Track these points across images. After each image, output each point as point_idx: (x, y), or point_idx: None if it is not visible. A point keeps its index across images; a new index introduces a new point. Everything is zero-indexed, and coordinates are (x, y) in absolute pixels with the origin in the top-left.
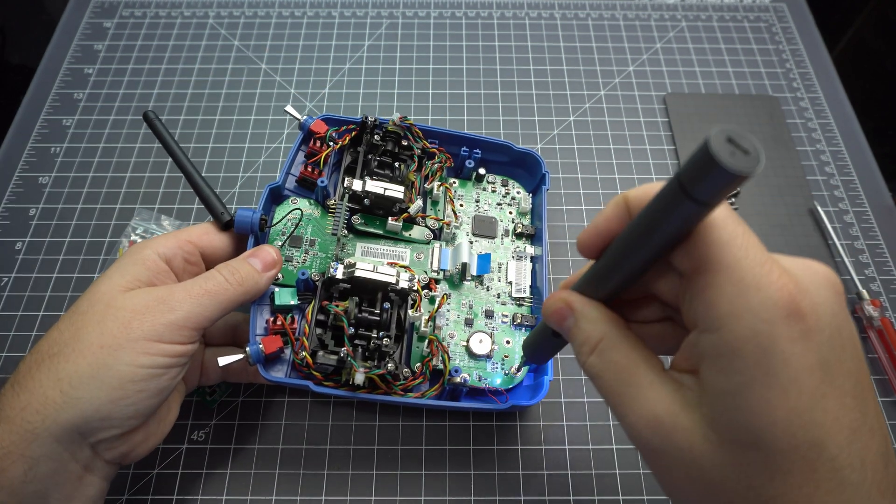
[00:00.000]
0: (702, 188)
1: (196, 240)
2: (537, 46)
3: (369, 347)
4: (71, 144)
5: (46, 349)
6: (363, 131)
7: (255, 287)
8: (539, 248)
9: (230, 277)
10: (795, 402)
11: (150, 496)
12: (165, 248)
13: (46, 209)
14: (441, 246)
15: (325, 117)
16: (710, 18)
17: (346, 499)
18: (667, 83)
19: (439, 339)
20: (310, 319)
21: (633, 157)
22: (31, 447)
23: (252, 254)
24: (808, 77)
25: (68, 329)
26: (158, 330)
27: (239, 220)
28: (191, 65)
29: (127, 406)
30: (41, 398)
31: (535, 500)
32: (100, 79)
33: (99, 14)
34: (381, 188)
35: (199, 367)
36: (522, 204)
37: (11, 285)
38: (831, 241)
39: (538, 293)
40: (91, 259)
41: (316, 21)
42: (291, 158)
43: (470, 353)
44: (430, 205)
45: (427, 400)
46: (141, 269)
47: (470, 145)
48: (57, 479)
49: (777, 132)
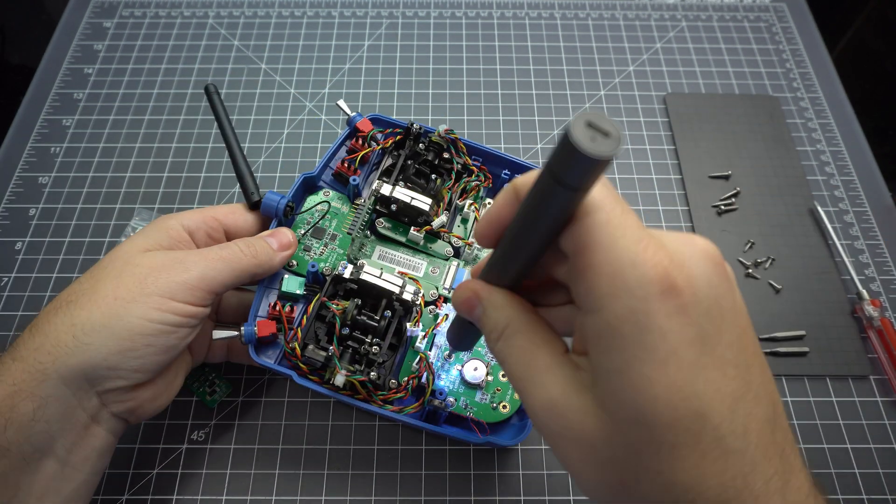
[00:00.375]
0: (570, 175)
1: (222, 217)
2: (537, 46)
3: (359, 352)
4: (71, 144)
5: (65, 297)
6: (407, 137)
7: (269, 262)
8: None
9: (245, 249)
10: (675, 376)
11: (149, 496)
12: (190, 221)
13: (46, 209)
14: (459, 265)
15: (372, 117)
16: (710, 18)
17: (346, 499)
18: (667, 83)
19: (428, 358)
20: (310, 312)
21: (633, 157)
22: (40, 386)
23: (270, 233)
24: (808, 77)
25: (87, 281)
26: (172, 287)
27: (266, 202)
28: (191, 65)
29: (134, 358)
30: (54, 341)
31: (536, 500)
32: (100, 79)
33: (99, 14)
34: (409, 197)
35: (207, 341)
36: None
37: (11, 285)
38: (831, 241)
39: None
40: (91, 259)
41: (316, 21)
42: (332, 151)
43: (462, 378)
44: (459, 222)
45: (403, 416)
46: (163, 236)
47: (511, 168)
48: (64, 424)
49: (777, 132)
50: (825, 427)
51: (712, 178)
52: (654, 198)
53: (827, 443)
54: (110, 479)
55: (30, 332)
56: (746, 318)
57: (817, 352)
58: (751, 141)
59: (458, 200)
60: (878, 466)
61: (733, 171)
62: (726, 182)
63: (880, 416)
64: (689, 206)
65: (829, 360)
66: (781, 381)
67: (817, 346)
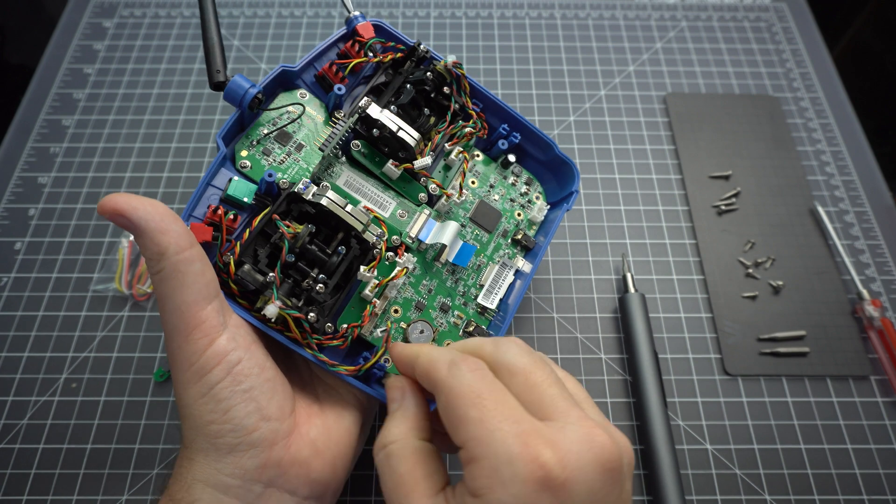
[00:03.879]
0: None
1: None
2: (537, 46)
3: (301, 285)
4: (71, 144)
5: None
6: (409, 57)
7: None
8: (530, 264)
9: (154, 270)
10: None
11: (149, 496)
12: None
13: (46, 209)
14: (430, 215)
15: (377, 23)
16: (710, 18)
17: (345, 499)
18: (667, 83)
19: (373, 310)
20: (254, 227)
21: (633, 157)
22: (190, 493)
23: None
24: (808, 77)
25: None
26: (180, 357)
27: (232, 87)
28: (191, 65)
29: (232, 430)
30: (182, 457)
31: None
32: (100, 79)
33: (99, 14)
34: (396, 126)
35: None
36: (535, 212)
37: (11, 285)
38: (831, 241)
39: (505, 310)
40: (91, 259)
41: (316, 21)
42: (321, 49)
43: (405, 339)
44: (442, 168)
45: (335, 370)
46: None
47: (512, 125)
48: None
49: (777, 132)
50: (825, 427)
51: (712, 178)
52: (655, 198)
53: (827, 443)
54: (110, 478)
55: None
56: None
57: (817, 352)
58: (751, 141)
59: (448, 144)
60: (878, 467)
61: (733, 171)
62: (726, 182)
63: (881, 417)
64: (690, 206)
65: (829, 360)
66: (782, 382)
67: (817, 346)
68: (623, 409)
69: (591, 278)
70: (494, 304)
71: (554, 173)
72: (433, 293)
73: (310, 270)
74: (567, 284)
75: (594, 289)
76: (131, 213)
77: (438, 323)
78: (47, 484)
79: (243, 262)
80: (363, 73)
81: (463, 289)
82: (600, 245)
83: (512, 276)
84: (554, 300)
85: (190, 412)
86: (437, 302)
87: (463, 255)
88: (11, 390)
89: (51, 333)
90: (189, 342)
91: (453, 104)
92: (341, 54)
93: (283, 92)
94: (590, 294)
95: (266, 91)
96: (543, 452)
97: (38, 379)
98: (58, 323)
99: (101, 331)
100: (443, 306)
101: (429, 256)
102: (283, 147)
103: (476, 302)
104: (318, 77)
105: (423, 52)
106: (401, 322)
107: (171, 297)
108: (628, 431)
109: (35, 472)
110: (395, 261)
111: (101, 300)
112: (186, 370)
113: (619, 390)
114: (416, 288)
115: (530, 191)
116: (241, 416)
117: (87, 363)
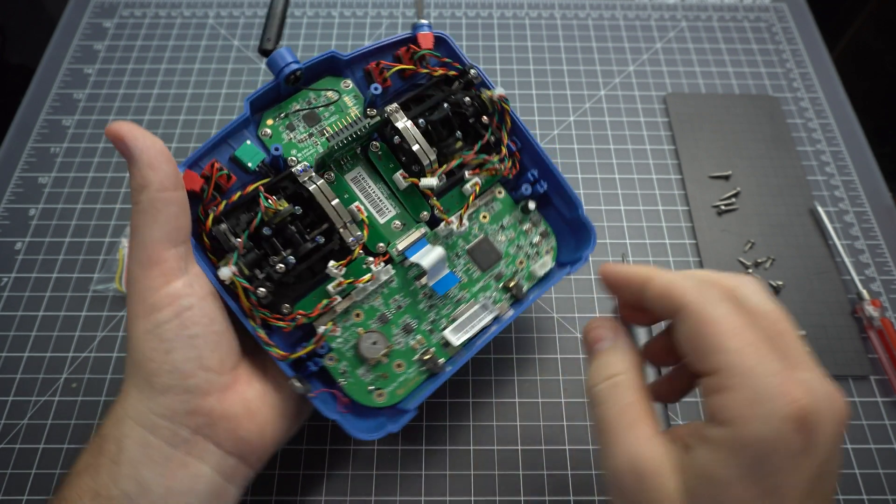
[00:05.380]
0: None
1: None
2: (537, 46)
3: (266, 261)
4: (71, 144)
5: None
6: (459, 78)
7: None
8: (510, 313)
9: (134, 199)
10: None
11: None
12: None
13: (46, 209)
14: (426, 235)
15: (440, 35)
16: (710, 18)
17: (346, 499)
18: (667, 83)
19: (328, 305)
20: (246, 192)
21: (634, 157)
22: (116, 427)
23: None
24: (808, 77)
25: None
26: (137, 290)
27: (276, 56)
28: (191, 65)
29: (167, 368)
30: (121, 389)
31: (536, 501)
32: (100, 79)
33: (99, 14)
34: (414, 140)
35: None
36: (538, 266)
37: (11, 285)
38: (831, 241)
39: (469, 350)
40: (91, 259)
41: (316, 21)
42: (377, 46)
43: (356, 345)
44: (456, 193)
45: (269, 349)
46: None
47: (542, 172)
48: (152, 465)
49: (777, 132)
50: None
51: (712, 178)
52: (655, 198)
53: None
54: None
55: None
56: (837, 475)
57: (817, 352)
58: (751, 141)
59: (469, 173)
60: (878, 467)
61: (733, 171)
62: (726, 182)
63: (881, 417)
64: (690, 206)
65: (829, 360)
66: None
67: (817, 346)
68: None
69: (591, 278)
70: (458, 342)
71: (572, 233)
72: (402, 311)
73: (282, 249)
74: (567, 284)
75: (594, 289)
76: (131, 141)
77: (396, 341)
78: (47, 484)
79: (222, 221)
80: (416, 79)
81: (434, 316)
82: (600, 245)
83: (490, 319)
84: (554, 300)
85: (134, 345)
86: (402, 320)
87: (443, 283)
88: (11, 390)
89: (51, 333)
90: (147, 277)
91: (488, 136)
92: (394, 57)
93: (329, 76)
94: (590, 294)
95: (309, 72)
96: (803, 396)
97: (39, 379)
98: (58, 323)
99: (102, 331)
100: (407, 326)
101: (410, 274)
102: (308, 128)
103: (442, 333)
104: (366, 72)
105: (474, 76)
106: (358, 328)
107: (140, 230)
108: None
109: (35, 472)
110: (369, 268)
111: (102, 300)
112: (139, 303)
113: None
114: (386, 300)
115: (542, 243)
116: (180, 360)
117: (87, 363)
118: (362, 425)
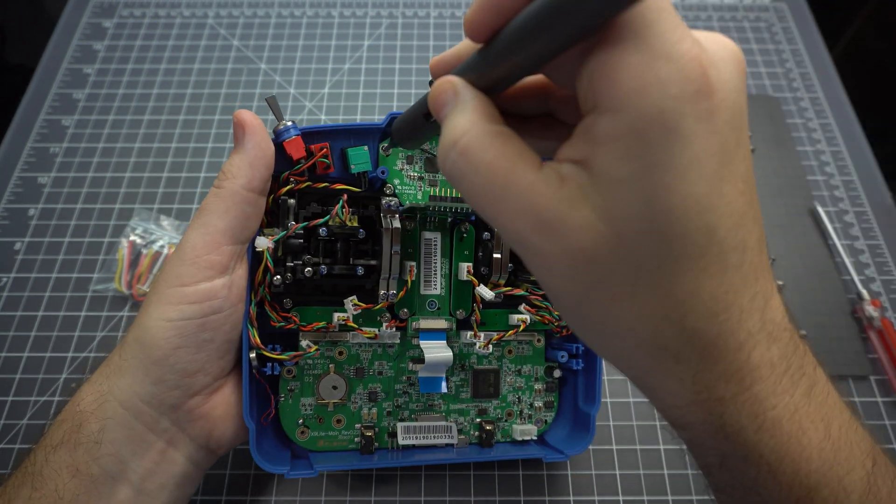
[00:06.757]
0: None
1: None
2: None
3: (302, 255)
4: (70, 144)
5: None
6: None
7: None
8: (466, 451)
9: (221, 176)
10: (693, 188)
11: None
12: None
13: (46, 209)
14: (448, 332)
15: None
16: (710, 18)
17: (345, 499)
18: None
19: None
20: (333, 187)
21: None
22: (101, 408)
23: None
24: (808, 77)
25: None
26: (179, 271)
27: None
28: (191, 65)
29: (172, 365)
30: (112, 362)
31: (536, 501)
32: (99, 79)
33: (99, 14)
34: (502, 250)
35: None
36: (520, 431)
37: (11, 285)
38: (831, 241)
39: (407, 457)
40: (90, 259)
41: (315, 21)
42: None
43: (317, 384)
44: (502, 315)
45: (251, 334)
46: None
47: (586, 355)
48: (134, 448)
49: (777, 132)
50: None
51: None
52: None
53: None
54: None
55: (108, 355)
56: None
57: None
58: (751, 141)
59: (524, 307)
60: None
61: None
62: None
63: (881, 417)
64: None
65: (829, 360)
66: None
67: (817, 346)
68: (624, 409)
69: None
70: (402, 441)
71: (573, 423)
72: (379, 377)
73: (323, 256)
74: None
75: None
76: (249, 133)
77: (356, 398)
78: None
79: (294, 196)
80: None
81: (402, 400)
82: None
83: (443, 443)
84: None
85: (147, 326)
86: (374, 385)
87: (430, 383)
88: (11, 390)
89: (51, 333)
90: (192, 264)
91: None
92: None
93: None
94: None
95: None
96: (699, 50)
97: (38, 379)
98: (58, 323)
99: (101, 331)
100: (373, 392)
101: (410, 353)
102: (423, 171)
103: (397, 421)
104: None
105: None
106: (332, 364)
107: (208, 213)
108: (628, 431)
109: None
110: (381, 323)
111: (101, 300)
112: (172, 287)
113: (620, 390)
114: (372, 358)
115: (542, 410)
116: (186, 360)
117: (87, 363)
118: (268, 445)
